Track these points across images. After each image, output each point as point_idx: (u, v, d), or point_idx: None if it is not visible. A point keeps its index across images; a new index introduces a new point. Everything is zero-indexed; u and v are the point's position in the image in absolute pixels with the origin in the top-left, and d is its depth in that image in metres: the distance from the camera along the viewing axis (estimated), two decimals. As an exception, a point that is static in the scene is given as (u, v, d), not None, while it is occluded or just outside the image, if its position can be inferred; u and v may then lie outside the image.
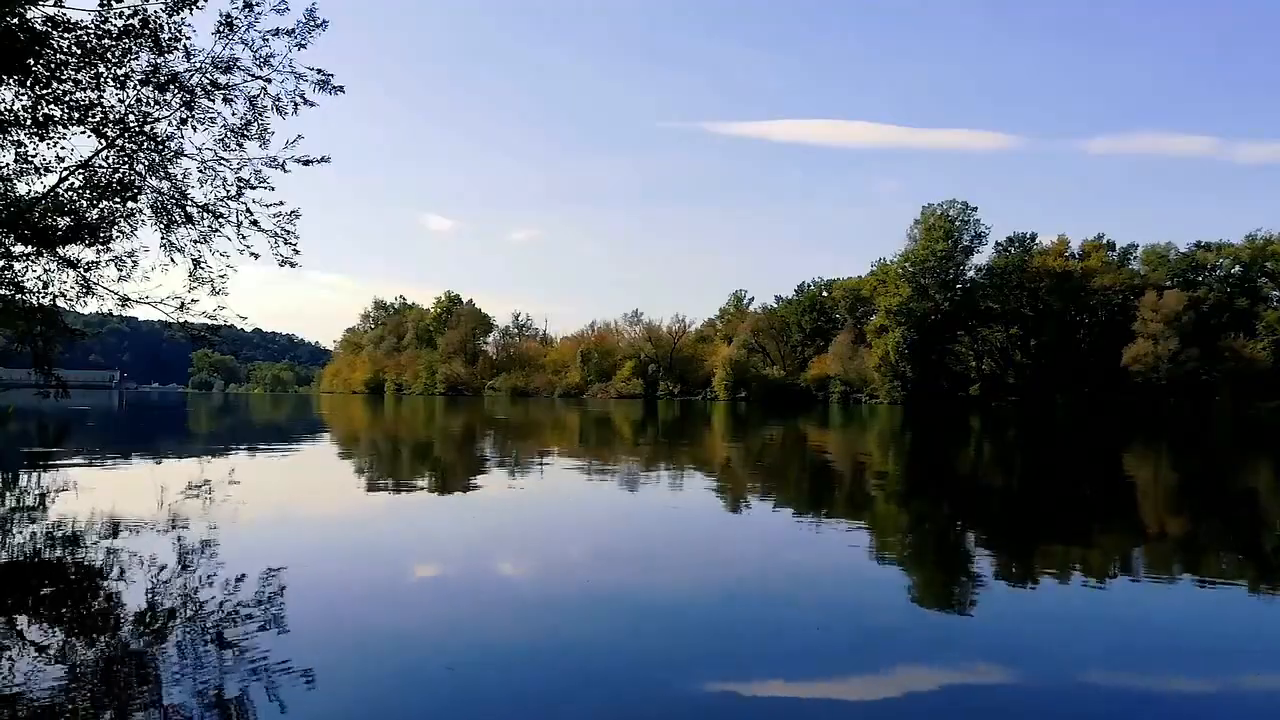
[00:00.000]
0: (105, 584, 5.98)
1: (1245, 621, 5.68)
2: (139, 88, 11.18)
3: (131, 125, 11.40)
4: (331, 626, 5.10)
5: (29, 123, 10.74)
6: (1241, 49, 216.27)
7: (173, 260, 12.43)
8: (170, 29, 10.83)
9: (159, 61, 11.09)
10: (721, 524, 9.68)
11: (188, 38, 11.04)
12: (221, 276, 12.44)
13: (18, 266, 12.00)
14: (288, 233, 12.34)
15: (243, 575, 6.12)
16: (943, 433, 32.03)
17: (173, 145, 11.81)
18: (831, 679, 4.38)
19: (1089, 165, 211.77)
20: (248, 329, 13.70)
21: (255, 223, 12.18)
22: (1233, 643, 5.20)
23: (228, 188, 12.05)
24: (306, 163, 11.95)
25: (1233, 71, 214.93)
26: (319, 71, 11.74)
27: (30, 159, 11.24)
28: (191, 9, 10.86)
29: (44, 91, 10.59)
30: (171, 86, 11.27)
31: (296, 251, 12.44)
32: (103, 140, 11.38)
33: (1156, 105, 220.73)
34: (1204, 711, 4.11)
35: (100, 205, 11.88)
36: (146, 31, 10.70)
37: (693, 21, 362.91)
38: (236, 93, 11.62)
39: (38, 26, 10.25)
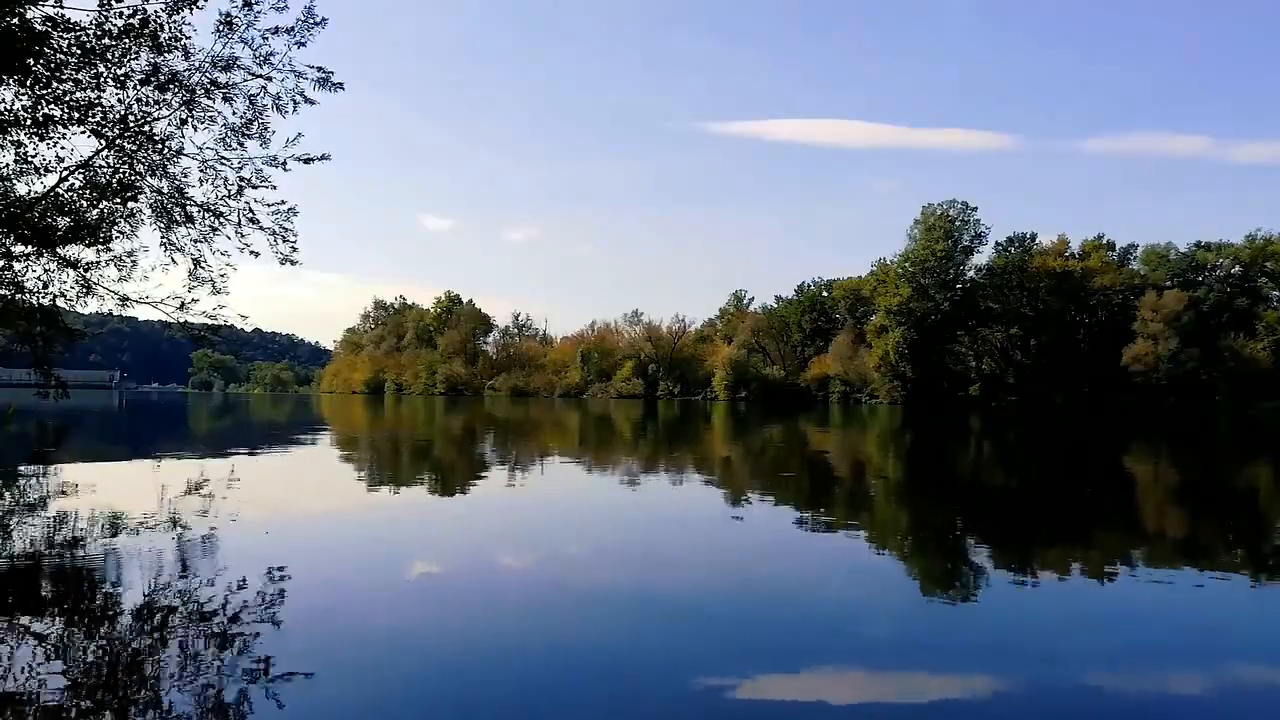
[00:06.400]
0: (105, 584, 5.97)
1: (1244, 620, 5.68)
2: (139, 87, 11.17)
3: (131, 125, 11.38)
4: (333, 627, 5.09)
5: (29, 123, 10.72)
6: (1239, 49, 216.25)
7: (173, 260, 12.42)
8: (170, 29, 10.82)
9: (159, 61, 11.08)
10: (722, 524, 9.66)
11: (187, 37, 11.04)
12: (222, 276, 12.44)
13: (18, 266, 11.99)
14: (286, 230, 12.35)
15: (243, 575, 6.11)
16: (943, 433, 32.02)
17: (173, 145, 11.80)
18: (833, 678, 4.38)
19: (1088, 165, 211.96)
20: (248, 329, 13.71)
21: (255, 220, 12.18)
22: (1232, 641, 5.20)
23: (228, 187, 12.05)
24: (307, 161, 11.95)
25: (1230, 72, 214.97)
26: (319, 69, 11.75)
27: (30, 159, 11.22)
28: (191, 8, 10.85)
29: (44, 91, 10.57)
30: (171, 86, 11.26)
31: (295, 249, 12.45)
32: (103, 140, 11.37)
33: (1154, 105, 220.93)
34: (1203, 710, 4.10)
35: (100, 205, 11.86)
36: (146, 31, 10.68)
37: (693, 21, 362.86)
38: (236, 91, 11.62)
39: (38, 26, 10.24)
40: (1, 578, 6.08)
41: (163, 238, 12.35)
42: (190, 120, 11.65)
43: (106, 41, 10.61)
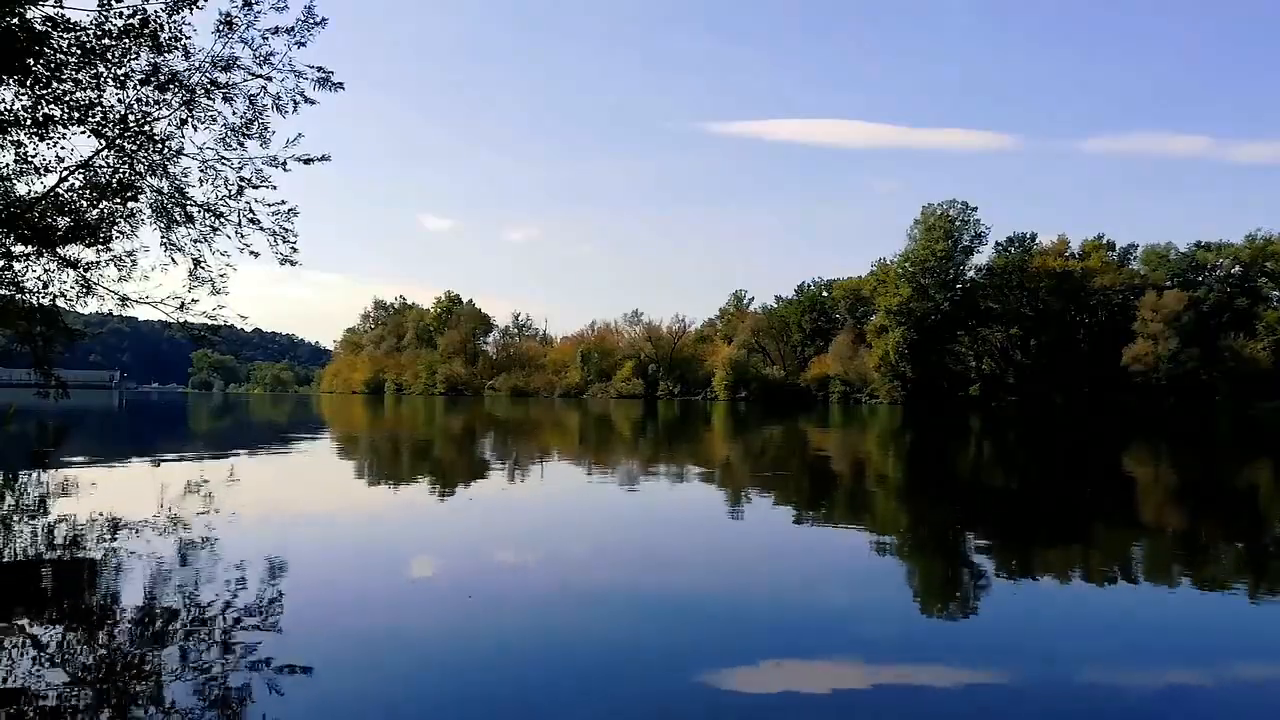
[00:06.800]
0: (105, 584, 5.98)
1: (1244, 621, 5.67)
2: (139, 88, 11.18)
3: (131, 125, 11.39)
4: (333, 627, 5.09)
5: (29, 123, 10.73)
6: (1239, 49, 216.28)
7: (173, 260, 12.44)
8: (170, 29, 10.83)
9: (159, 61, 11.09)
10: (721, 524, 9.67)
11: (187, 37, 11.05)
12: (221, 276, 12.47)
13: (18, 266, 12.01)
14: (286, 230, 12.37)
15: (243, 576, 6.11)
16: (943, 433, 32.02)
17: (173, 145, 11.82)
18: (833, 678, 4.38)
19: (1088, 165, 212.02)
20: (248, 329, 13.73)
21: (255, 220, 12.19)
22: (1231, 642, 5.19)
23: (228, 187, 12.06)
24: (307, 161, 11.96)
25: (1230, 72, 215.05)
26: (319, 69, 11.76)
27: (30, 159, 11.24)
28: (191, 8, 10.86)
29: (44, 91, 10.58)
30: (171, 86, 11.27)
31: (295, 249, 12.47)
32: (103, 140, 11.38)
33: (1154, 105, 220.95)
34: (1203, 710, 4.10)
35: (100, 205, 11.88)
36: (146, 31, 10.69)
37: (693, 21, 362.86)
38: (236, 91, 11.63)
39: (38, 26, 10.25)
40: (2, 578, 6.08)
41: (163, 238, 12.38)
42: (190, 120, 11.67)
43: (106, 41, 10.62)
